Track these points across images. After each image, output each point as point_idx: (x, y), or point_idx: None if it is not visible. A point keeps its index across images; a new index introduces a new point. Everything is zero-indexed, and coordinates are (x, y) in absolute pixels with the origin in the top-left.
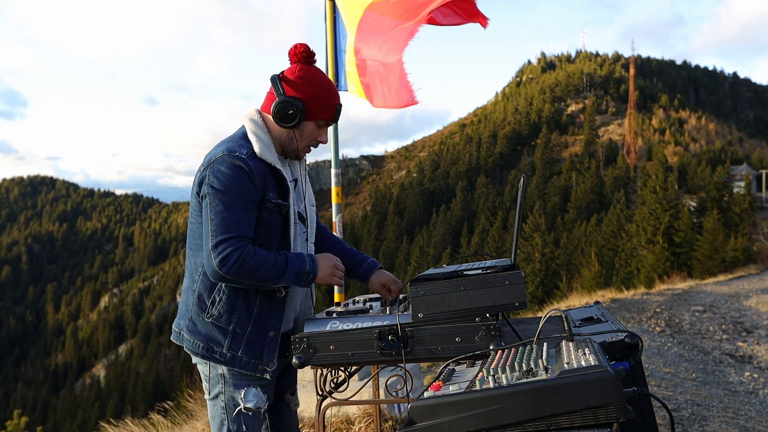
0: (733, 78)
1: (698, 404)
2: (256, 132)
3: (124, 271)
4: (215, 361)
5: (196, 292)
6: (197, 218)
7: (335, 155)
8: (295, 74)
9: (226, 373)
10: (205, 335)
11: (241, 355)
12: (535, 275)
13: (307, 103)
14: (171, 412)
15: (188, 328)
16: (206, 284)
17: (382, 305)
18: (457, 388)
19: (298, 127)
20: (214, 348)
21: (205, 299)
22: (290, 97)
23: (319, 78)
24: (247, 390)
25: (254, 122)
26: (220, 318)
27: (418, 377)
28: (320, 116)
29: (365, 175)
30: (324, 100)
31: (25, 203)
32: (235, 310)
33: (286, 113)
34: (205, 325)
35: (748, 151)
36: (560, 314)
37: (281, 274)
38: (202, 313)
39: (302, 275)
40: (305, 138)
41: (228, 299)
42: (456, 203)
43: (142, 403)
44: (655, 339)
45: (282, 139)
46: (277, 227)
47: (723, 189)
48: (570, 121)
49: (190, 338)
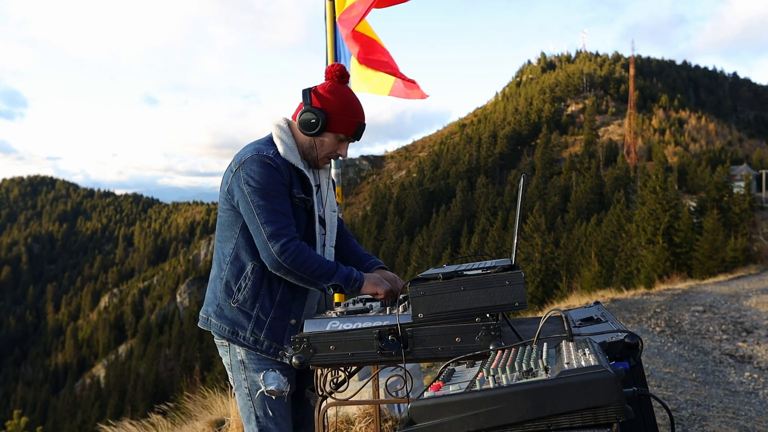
0: (733, 78)
1: (698, 404)
2: (281, 136)
3: (124, 271)
4: (239, 344)
5: (224, 280)
6: (226, 211)
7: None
8: (325, 89)
9: (245, 358)
10: (231, 319)
11: (263, 339)
12: (535, 275)
13: (331, 115)
14: (171, 413)
15: (216, 314)
16: (234, 272)
17: (382, 305)
18: (457, 388)
19: (320, 136)
20: (238, 332)
21: (231, 286)
22: (315, 108)
23: (347, 95)
24: (266, 373)
25: (280, 128)
26: (245, 303)
27: (418, 377)
28: (341, 130)
29: (365, 175)
30: (347, 116)
31: (25, 203)
32: (258, 296)
33: (309, 121)
34: (231, 310)
35: (748, 151)
36: (560, 314)
37: (332, 274)
38: (228, 299)
39: (350, 280)
40: (325, 148)
41: (253, 285)
42: (456, 203)
43: (142, 404)
44: (655, 339)
45: (304, 146)
46: (302, 223)
47: (723, 189)
48: (570, 121)
49: (217, 322)
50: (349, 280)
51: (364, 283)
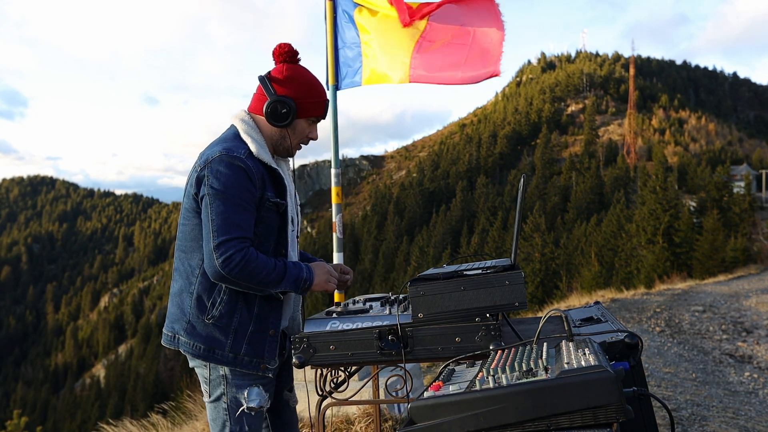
0: (733, 78)
1: (698, 404)
2: (249, 132)
3: (124, 271)
4: (217, 362)
5: (194, 294)
6: (192, 219)
7: (335, 155)
8: (283, 73)
9: (228, 373)
10: (206, 337)
11: (243, 355)
12: (535, 275)
13: (299, 101)
14: (171, 413)
15: (186, 331)
16: (205, 285)
17: (382, 305)
18: (457, 388)
19: (291, 125)
20: (215, 349)
21: (204, 301)
22: (282, 97)
23: (307, 76)
24: (250, 390)
25: (245, 123)
26: (221, 319)
27: (418, 377)
28: (311, 113)
29: (365, 175)
30: (314, 97)
31: (25, 203)
32: (236, 311)
33: (279, 112)
34: (206, 327)
35: (748, 151)
36: (560, 314)
37: (280, 280)
38: (201, 315)
39: (300, 282)
40: (297, 135)
41: (229, 300)
42: (456, 203)
43: (142, 403)
44: (655, 339)
45: (274, 138)
46: (274, 226)
47: (723, 189)
48: (570, 121)
49: (188, 341)
50: (299, 283)
51: (314, 282)
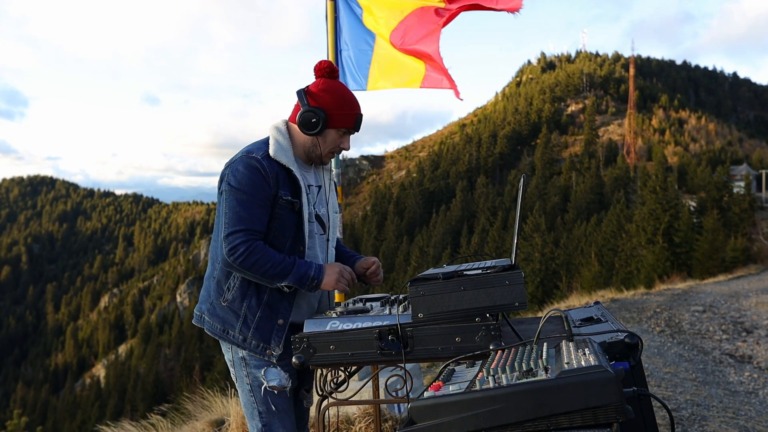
0: (733, 78)
1: (698, 404)
2: (276, 137)
3: (124, 271)
4: (230, 342)
5: (216, 279)
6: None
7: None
8: (318, 87)
9: (245, 355)
10: (222, 318)
11: (250, 339)
12: (535, 275)
13: (329, 112)
14: (171, 413)
15: (209, 312)
16: (224, 271)
17: (382, 305)
18: (457, 388)
19: (321, 134)
20: (228, 330)
21: (222, 285)
22: (314, 108)
23: (341, 90)
24: (267, 369)
25: (278, 129)
26: (233, 302)
27: (418, 377)
28: (342, 125)
29: (365, 175)
30: (345, 109)
31: (25, 203)
32: (246, 296)
33: (310, 121)
34: (222, 309)
35: (748, 151)
36: (560, 314)
37: (285, 275)
38: (219, 298)
39: (305, 279)
40: (328, 144)
41: (240, 285)
42: (456, 203)
43: (142, 404)
44: (655, 339)
45: (307, 145)
46: (289, 224)
47: (723, 189)
48: (570, 121)
49: (210, 320)
50: (305, 280)
51: (322, 281)
